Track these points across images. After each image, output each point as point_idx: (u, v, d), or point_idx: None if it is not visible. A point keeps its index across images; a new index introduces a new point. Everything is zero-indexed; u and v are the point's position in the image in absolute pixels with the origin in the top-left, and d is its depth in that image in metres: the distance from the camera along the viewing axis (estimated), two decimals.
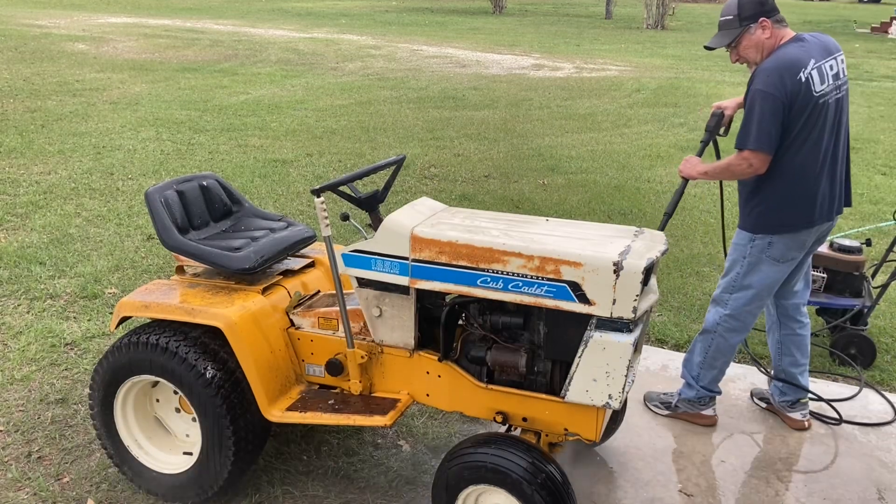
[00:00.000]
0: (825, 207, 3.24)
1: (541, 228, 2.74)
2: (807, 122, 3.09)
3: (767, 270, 3.30)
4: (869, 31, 26.53)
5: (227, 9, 28.51)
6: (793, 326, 3.58)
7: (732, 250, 3.39)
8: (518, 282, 2.53)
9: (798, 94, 3.05)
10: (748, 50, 3.23)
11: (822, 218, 3.25)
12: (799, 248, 3.29)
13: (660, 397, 3.74)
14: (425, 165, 8.19)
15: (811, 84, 3.07)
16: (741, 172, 3.17)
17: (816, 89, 3.08)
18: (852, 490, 3.22)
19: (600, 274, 2.41)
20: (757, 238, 3.27)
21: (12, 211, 6.33)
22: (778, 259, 3.27)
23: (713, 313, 3.47)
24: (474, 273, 2.59)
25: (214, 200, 3.37)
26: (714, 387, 3.57)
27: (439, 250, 2.62)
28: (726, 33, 3.25)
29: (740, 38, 3.22)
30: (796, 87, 3.05)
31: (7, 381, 3.89)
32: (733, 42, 3.24)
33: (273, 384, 2.91)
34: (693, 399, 3.60)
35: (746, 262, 3.31)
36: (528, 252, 2.51)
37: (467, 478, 2.59)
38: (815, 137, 3.13)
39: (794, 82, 3.05)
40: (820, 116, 3.11)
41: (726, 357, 3.50)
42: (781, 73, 3.06)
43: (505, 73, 15.11)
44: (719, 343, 3.45)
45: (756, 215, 3.26)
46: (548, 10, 33.73)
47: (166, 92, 11.95)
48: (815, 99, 3.08)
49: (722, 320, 3.43)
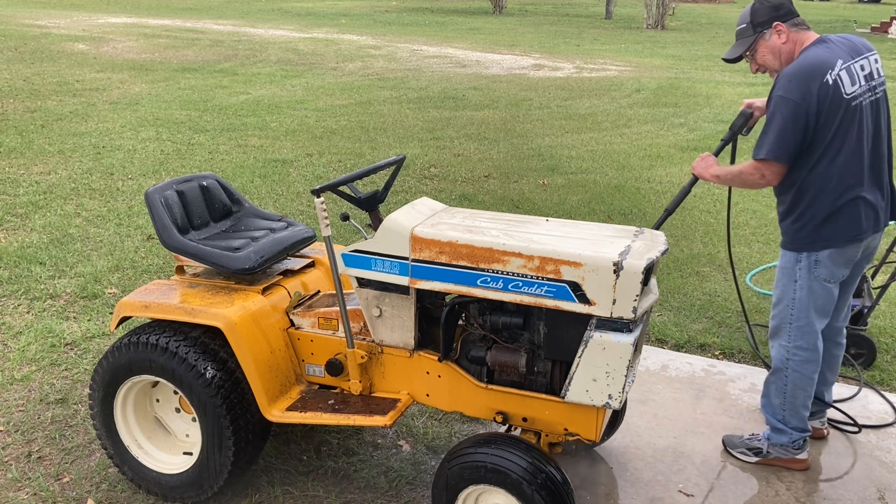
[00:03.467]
0: (871, 219, 3.03)
1: (541, 228, 2.74)
2: (840, 127, 2.90)
3: (820, 292, 3.08)
4: (869, 30, 26.52)
5: (227, 9, 28.51)
6: (829, 347, 3.38)
7: (780, 276, 3.18)
8: (518, 282, 2.53)
9: (826, 99, 2.86)
10: (765, 56, 3.09)
11: (868, 230, 3.03)
12: (846, 264, 3.08)
13: (745, 443, 3.40)
14: (425, 165, 8.19)
15: (840, 86, 2.88)
16: (753, 182, 3.04)
17: (847, 91, 2.89)
18: (852, 490, 3.22)
19: (600, 274, 2.41)
20: (802, 257, 3.06)
21: (12, 211, 6.33)
22: (826, 279, 3.06)
23: (777, 349, 3.23)
24: (474, 273, 2.59)
25: (214, 200, 3.37)
26: (805, 425, 3.29)
27: (439, 250, 2.62)
28: (741, 42, 3.14)
29: (755, 44, 3.10)
30: (823, 91, 2.86)
31: (7, 381, 3.89)
32: (748, 50, 3.11)
33: (273, 384, 2.92)
34: (787, 444, 3.30)
35: (798, 286, 3.09)
36: (528, 252, 2.51)
37: (467, 478, 2.59)
38: (853, 144, 2.93)
39: (821, 86, 2.86)
40: (854, 120, 2.91)
41: (807, 391, 3.23)
42: (805, 77, 2.89)
43: (505, 73, 15.11)
44: (795, 379, 3.20)
45: (798, 230, 3.05)
46: (548, 10, 33.74)
47: (166, 92, 11.95)
48: (847, 102, 2.89)
49: (791, 354, 3.18)
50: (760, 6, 3.08)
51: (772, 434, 3.35)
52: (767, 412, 3.36)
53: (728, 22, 28.63)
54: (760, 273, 5.40)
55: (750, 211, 6.86)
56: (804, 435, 3.30)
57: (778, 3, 3.06)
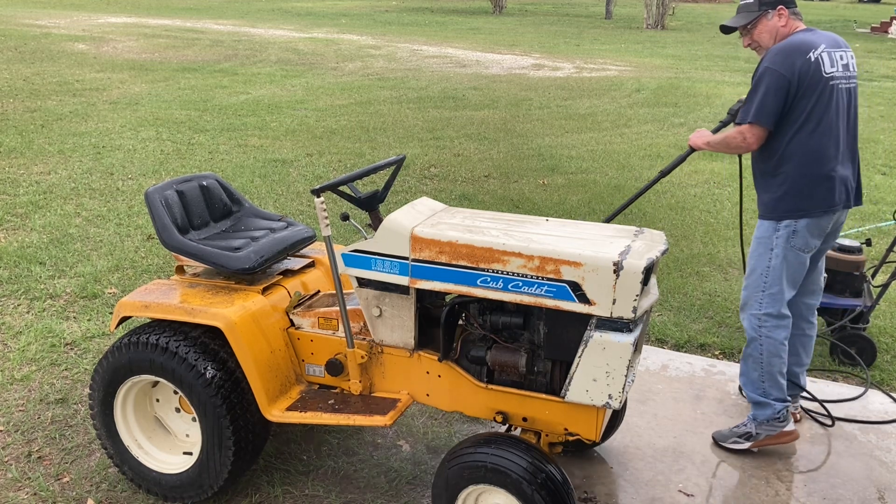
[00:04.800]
0: (843, 194, 3.23)
1: (541, 228, 2.74)
2: (818, 102, 3.12)
3: (793, 261, 3.26)
4: (869, 31, 26.52)
5: (227, 9, 28.51)
6: (803, 326, 3.55)
7: (756, 245, 3.32)
8: (518, 282, 2.53)
9: (807, 74, 3.10)
10: (763, 35, 3.28)
11: (840, 202, 3.23)
12: (819, 235, 3.27)
13: (733, 432, 3.46)
14: (425, 165, 8.19)
15: (821, 64, 3.12)
16: (736, 146, 3.23)
17: (826, 70, 3.13)
18: (852, 490, 3.22)
19: (600, 274, 2.41)
20: (781, 226, 3.23)
21: (12, 211, 6.33)
22: (801, 249, 3.24)
23: (749, 319, 3.35)
24: (474, 273, 2.59)
25: (214, 200, 3.37)
26: (785, 395, 3.38)
27: (439, 250, 2.62)
28: (745, 15, 3.30)
29: (757, 21, 3.28)
30: (805, 66, 3.10)
31: (7, 381, 3.89)
32: (750, 24, 3.29)
33: (273, 384, 2.91)
34: (772, 417, 3.37)
35: (774, 255, 3.25)
36: (528, 252, 2.51)
37: (467, 478, 2.59)
38: (830, 120, 3.15)
39: (804, 61, 3.10)
40: (832, 99, 3.14)
41: (782, 357, 3.34)
42: (790, 52, 3.13)
43: (505, 73, 15.11)
44: (769, 346, 3.31)
45: (779, 199, 3.23)
46: (548, 10, 33.73)
47: (166, 92, 11.95)
48: (826, 80, 3.12)
49: (762, 322, 3.30)
50: None
51: (756, 412, 3.43)
52: (748, 389, 3.45)
53: None
54: None
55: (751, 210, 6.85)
56: (786, 405, 3.40)
57: None
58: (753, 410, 3.45)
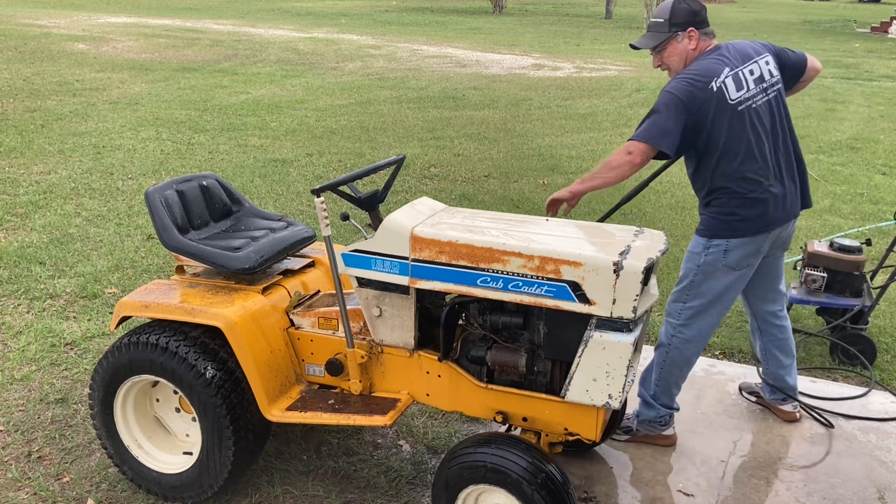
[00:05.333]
0: (780, 209, 3.16)
1: (541, 228, 2.74)
2: (731, 131, 3.04)
3: (723, 279, 3.18)
4: (869, 30, 26.52)
5: (227, 9, 28.51)
6: (773, 332, 3.54)
7: (687, 259, 3.28)
8: (518, 282, 2.53)
9: (710, 103, 3.01)
10: (672, 57, 3.19)
11: (776, 222, 3.17)
12: (755, 254, 3.19)
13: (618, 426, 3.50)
14: (425, 165, 8.19)
15: (725, 92, 3.03)
16: (618, 164, 3.05)
17: (732, 97, 3.04)
18: (852, 490, 3.22)
19: (600, 274, 2.41)
20: (712, 245, 3.16)
21: (12, 211, 6.33)
22: (733, 267, 3.16)
23: (666, 326, 3.34)
24: (474, 273, 2.59)
25: (214, 200, 3.37)
26: (672, 403, 3.42)
27: (439, 250, 2.62)
28: (654, 36, 3.21)
29: (667, 43, 3.18)
30: (706, 94, 3.01)
31: (7, 381, 3.89)
32: (659, 46, 3.19)
33: (273, 384, 2.91)
34: (654, 419, 3.42)
35: (701, 271, 3.19)
36: (527, 252, 2.51)
37: (467, 477, 2.59)
38: (751, 145, 3.06)
39: (705, 91, 3.01)
40: (746, 124, 3.05)
41: (682, 371, 3.35)
42: (691, 79, 3.04)
43: (505, 72, 15.11)
44: (674, 357, 3.30)
45: (711, 218, 3.17)
46: (548, 9, 33.73)
47: (166, 92, 11.95)
48: (733, 107, 3.04)
49: (676, 332, 3.29)
50: (680, 7, 3.17)
51: (641, 409, 3.47)
52: (642, 386, 3.47)
53: (728, 22, 28.62)
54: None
55: None
56: (670, 412, 3.43)
57: (697, 9, 3.19)
58: (639, 408, 3.48)
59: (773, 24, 28.07)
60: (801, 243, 5.89)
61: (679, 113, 3.00)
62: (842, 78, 14.98)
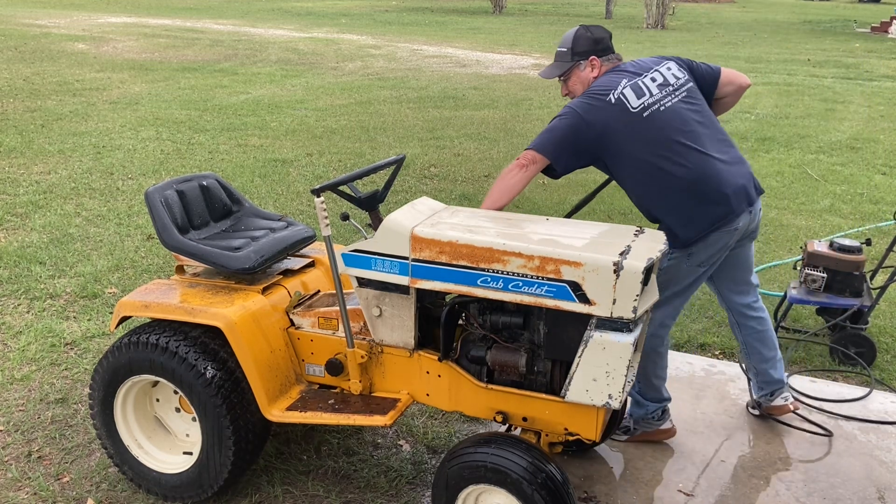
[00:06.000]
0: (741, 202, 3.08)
1: (541, 228, 2.74)
2: (646, 138, 3.01)
3: (688, 276, 3.16)
4: (869, 30, 26.52)
5: (227, 9, 28.51)
6: (752, 325, 3.51)
7: None
8: (518, 282, 2.53)
9: (611, 114, 3.00)
10: (576, 85, 3.22)
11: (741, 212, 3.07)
12: (723, 248, 3.13)
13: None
14: (425, 165, 8.19)
15: (625, 101, 3.02)
16: (510, 174, 3.04)
17: (633, 105, 3.02)
18: (852, 490, 3.22)
19: (600, 274, 2.41)
20: (675, 251, 3.10)
21: (12, 211, 6.33)
22: (700, 264, 3.13)
23: None
24: (475, 273, 2.59)
25: (214, 200, 3.37)
26: (661, 395, 3.42)
27: (440, 250, 2.62)
28: (559, 65, 3.25)
29: (570, 72, 3.22)
30: (604, 105, 3.01)
31: (7, 381, 3.89)
32: (564, 75, 3.23)
33: (273, 384, 2.91)
34: (646, 416, 3.44)
35: (663, 272, 3.12)
36: (528, 252, 2.51)
37: (467, 477, 2.59)
38: (673, 148, 3.00)
39: (603, 102, 3.02)
40: (655, 127, 3.01)
41: (657, 363, 3.35)
42: (589, 94, 3.07)
43: (505, 72, 15.11)
44: (644, 350, 3.26)
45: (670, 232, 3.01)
46: (548, 9, 33.74)
47: (166, 92, 11.95)
48: (638, 113, 3.01)
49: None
50: (583, 37, 3.21)
51: (631, 408, 3.48)
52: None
53: (728, 22, 28.65)
54: (760, 273, 5.40)
55: None
56: (661, 406, 3.43)
57: (599, 38, 3.22)
58: (630, 408, 3.49)
59: (774, 24, 28.08)
60: (801, 243, 5.89)
61: (574, 126, 3.01)
62: (842, 78, 14.98)
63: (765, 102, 12.15)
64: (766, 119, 10.95)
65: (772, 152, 9.07)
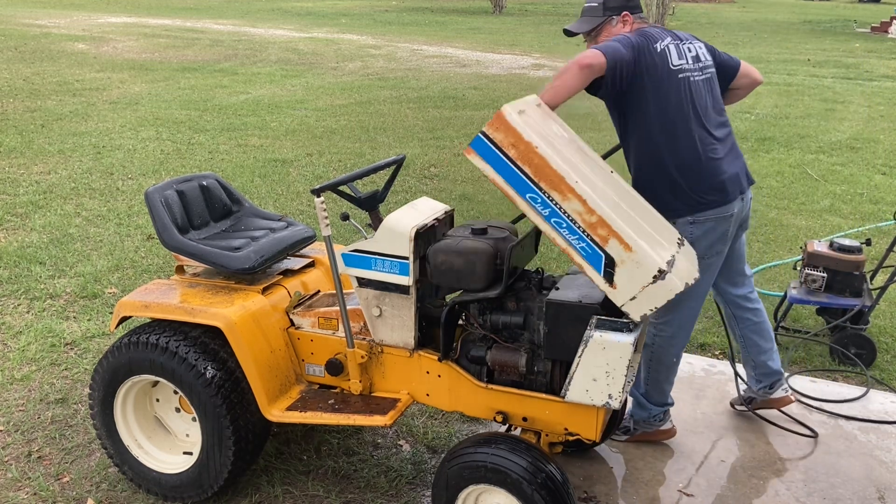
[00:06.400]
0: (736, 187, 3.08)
1: (608, 185, 2.61)
2: (672, 99, 2.96)
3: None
4: (869, 30, 26.52)
5: (227, 9, 28.51)
6: (749, 317, 3.49)
7: None
8: (564, 222, 2.45)
9: (654, 62, 2.93)
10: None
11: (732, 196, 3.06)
12: (721, 239, 3.11)
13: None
14: (425, 165, 8.19)
15: (668, 56, 2.97)
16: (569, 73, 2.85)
17: (674, 63, 2.98)
18: (852, 490, 3.22)
19: (641, 269, 2.38)
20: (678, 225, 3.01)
21: (12, 211, 6.33)
22: (702, 256, 3.02)
23: (648, 326, 3.24)
24: (531, 186, 2.47)
25: (214, 200, 3.37)
26: (666, 400, 3.41)
27: (514, 142, 2.47)
28: (589, 20, 3.17)
29: (601, 28, 3.14)
30: (650, 52, 2.93)
31: (7, 381, 3.89)
32: (594, 31, 3.15)
33: (273, 384, 2.91)
34: (647, 419, 3.43)
35: None
36: (592, 204, 2.41)
37: (467, 477, 2.59)
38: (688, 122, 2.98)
39: (650, 48, 2.94)
40: (682, 92, 2.98)
41: (671, 369, 3.33)
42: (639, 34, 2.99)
43: (505, 72, 15.10)
44: (660, 355, 3.28)
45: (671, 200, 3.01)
46: (548, 9, 33.72)
47: (166, 92, 11.95)
48: (675, 72, 2.97)
49: (658, 331, 3.24)
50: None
51: (633, 409, 3.46)
52: (633, 387, 3.42)
53: (728, 22, 28.64)
54: (760, 273, 5.40)
55: None
56: (663, 409, 3.43)
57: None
58: (632, 408, 3.47)
59: (774, 24, 28.08)
60: (801, 243, 5.89)
61: (627, 48, 2.89)
62: (842, 78, 14.98)
63: (765, 102, 12.15)
64: (766, 119, 10.95)
65: (772, 152, 9.07)
